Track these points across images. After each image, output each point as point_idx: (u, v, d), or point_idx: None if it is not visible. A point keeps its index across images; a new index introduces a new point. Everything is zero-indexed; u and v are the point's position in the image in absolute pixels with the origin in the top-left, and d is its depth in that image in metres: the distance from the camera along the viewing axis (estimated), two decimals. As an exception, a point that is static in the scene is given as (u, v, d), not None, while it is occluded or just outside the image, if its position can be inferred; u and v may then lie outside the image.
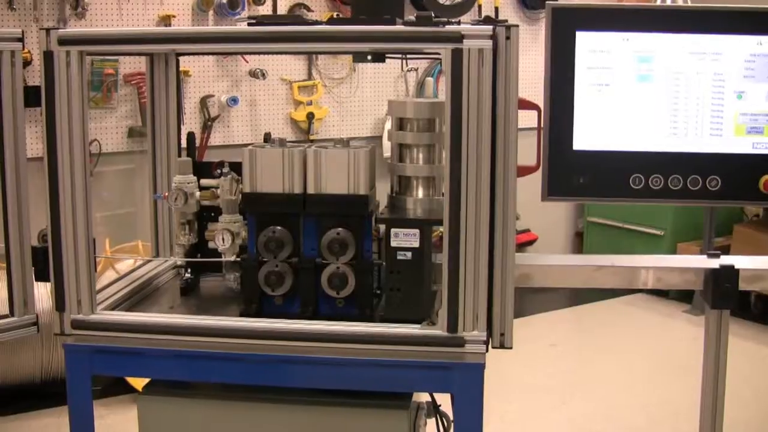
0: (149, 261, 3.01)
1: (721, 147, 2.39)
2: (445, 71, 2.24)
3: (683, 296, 6.50)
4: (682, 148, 2.39)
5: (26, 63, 4.69)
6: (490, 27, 2.22)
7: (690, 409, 2.92)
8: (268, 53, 5.38)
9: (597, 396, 4.97)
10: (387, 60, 2.71)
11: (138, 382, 4.36)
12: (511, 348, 2.35)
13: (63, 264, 2.41)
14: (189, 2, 5.47)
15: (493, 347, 2.36)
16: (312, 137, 6.00)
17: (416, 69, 6.39)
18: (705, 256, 2.58)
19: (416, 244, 2.37)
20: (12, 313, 2.47)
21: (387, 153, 5.22)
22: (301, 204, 2.45)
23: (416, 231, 2.37)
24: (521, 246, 6.80)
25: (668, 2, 5.57)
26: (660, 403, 4.85)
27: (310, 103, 6.02)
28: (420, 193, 2.52)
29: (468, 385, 2.32)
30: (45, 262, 2.44)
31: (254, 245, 2.48)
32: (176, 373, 2.47)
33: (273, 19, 2.43)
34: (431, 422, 2.70)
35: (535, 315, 6.38)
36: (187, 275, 2.81)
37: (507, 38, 2.23)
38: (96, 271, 2.49)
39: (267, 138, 2.75)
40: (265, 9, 5.69)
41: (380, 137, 6.21)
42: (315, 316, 2.46)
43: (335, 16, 2.13)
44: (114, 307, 2.56)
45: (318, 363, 2.36)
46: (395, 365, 2.33)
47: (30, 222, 2.45)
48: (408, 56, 3.64)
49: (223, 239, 2.58)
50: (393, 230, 2.38)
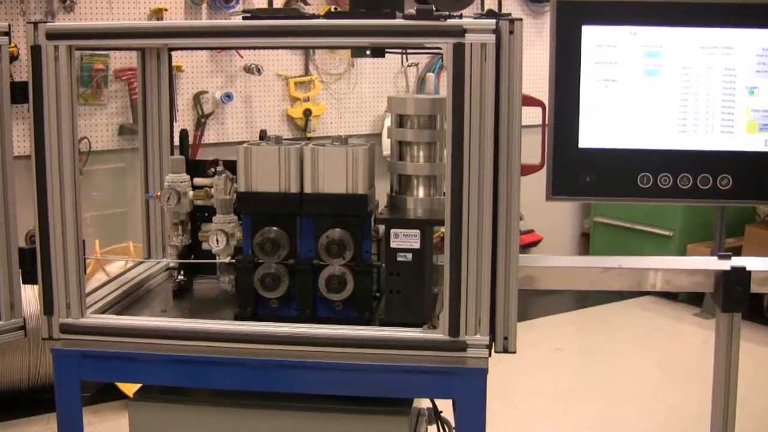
0: (141, 263, 3.00)
1: (733, 144, 2.39)
2: (447, 66, 2.24)
3: (693, 299, 6.51)
4: (692, 146, 2.39)
5: (13, 58, 4.69)
6: (493, 21, 2.22)
7: (700, 417, 2.93)
8: (264, 48, 5.38)
9: (603, 402, 4.97)
10: (387, 55, 2.71)
11: (129, 388, 4.36)
12: (515, 352, 2.35)
13: (51, 266, 2.41)
14: (182, -5, 5.49)
15: (496, 352, 2.36)
16: (309, 135, 6.00)
17: (417, 64, 6.40)
18: (715, 258, 2.58)
19: (417, 245, 2.37)
20: (-2, 317, 2.47)
21: (386, 151, 5.20)
22: (298, 204, 2.45)
23: (417, 231, 2.37)
24: (525, 247, 6.80)
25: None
26: (669, 410, 4.85)
27: (307, 100, 6.02)
28: (421, 193, 2.52)
29: (470, 391, 2.32)
30: (32, 264, 2.44)
31: (249, 246, 2.48)
32: (169, 379, 2.47)
33: (269, 13, 2.43)
34: (432, 429, 2.70)
35: (540, 318, 6.39)
36: (180, 277, 2.82)
37: (510, 32, 2.23)
38: (85, 274, 2.49)
39: (262, 135, 2.75)
40: (261, 2, 5.69)
41: (379, 135, 6.21)
42: (312, 320, 2.46)
43: (333, 10, 2.13)
44: (104, 311, 2.56)
45: (315, 368, 2.36)
46: (395, 370, 2.33)
47: (17, 222, 2.45)
48: (408, 51, 3.64)
49: (218, 240, 2.58)
50: (393, 231, 2.38)
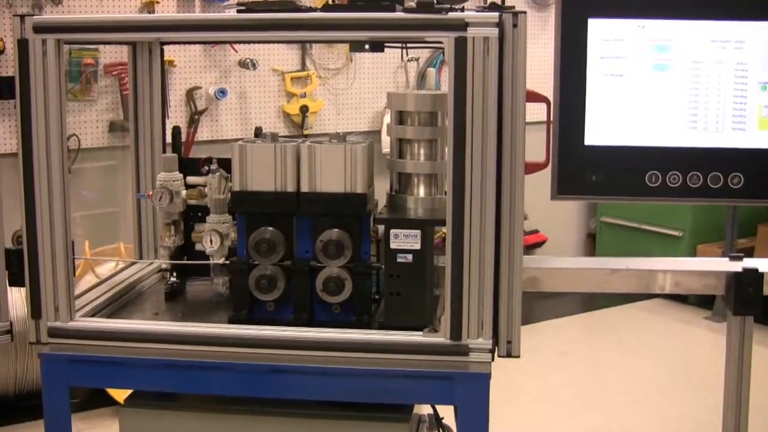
0: (132, 264, 3.01)
1: (744, 142, 2.39)
2: (448, 61, 2.24)
3: (703, 302, 6.51)
4: (702, 143, 2.39)
5: None
6: (496, 14, 2.22)
7: (711, 424, 2.93)
8: (259, 42, 5.38)
9: (610, 408, 4.97)
10: (386, 49, 2.71)
11: (119, 394, 4.36)
12: (519, 357, 2.35)
13: (39, 268, 2.41)
14: (174, -13, 5.49)
15: (500, 356, 2.36)
16: (306, 132, 6.00)
17: (417, 59, 6.40)
18: (727, 259, 2.59)
19: (417, 246, 2.38)
20: (-16, 321, 2.47)
21: (386, 149, 5.20)
22: (295, 203, 2.45)
23: (417, 232, 2.38)
24: (529, 248, 6.80)
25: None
26: (678, 417, 4.85)
27: (304, 96, 6.02)
28: (421, 192, 2.52)
29: (472, 397, 2.32)
30: (19, 266, 2.44)
31: (244, 247, 2.48)
32: (161, 384, 2.47)
33: (264, 6, 2.43)
34: (433, 436, 2.70)
35: (544, 321, 6.39)
36: (173, 279, 2.81)
37: (514, 26, 2.23)
38: (74, 276, 2.49)
39: (258, 133, 2.75)
40: (256, -5, 5.69)
41: (379, 132, 6.21)
42: (309, 323, 2.46)
43: (330, 2, 2.12)
44: (94, 314, 2.56)
45: (312, 373, 2.36)
46: (395, 375, 2.33)
47: (3, 223, 2.45)
48: (408, 45, 3.64)
49: (211, 241, 2.58)
50: (392, 231, 2.38)
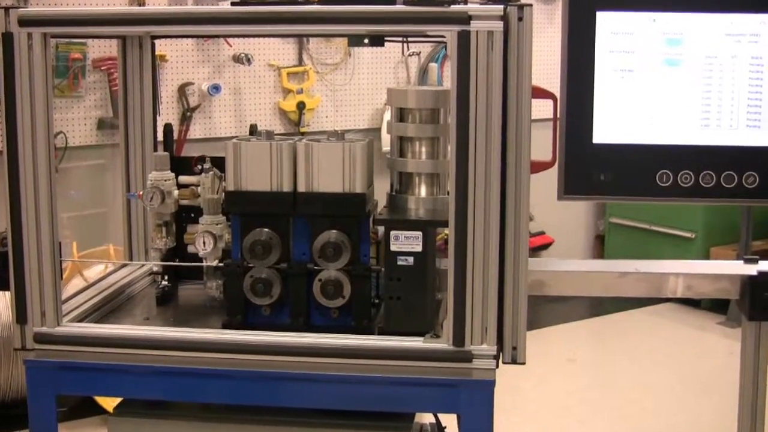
0: (121, 267, 3.01)
1: (760, 139, 2.39)
2: (451, 56, 2.24)
3: (717, 306, 6.51)
4: (716, 141, 2.39)
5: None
6: (501, 6, 2.22)
7: (724, 432, 2.93)
8: (254, 36, 5.38)
9: (620, 418, 4.97)
10: (386, 44, 2.71)
11: (108, 403, 4.36)
12: (524, 363, 2.35)
13: (25, 271, 2.41)
14: (166, -21, 5.49)
15: (504, 363, 2.36)
16: (303, 129, 6.01)
17: (418, 54, 6.40)
18: (741, 262, 2.59)
19: (419, 248, 2.38)
20: (-32, 326, 2.48)
21: (386, 147, 5.20)
22: (291, 203, 2.45)
23: (419, 233, 2.38)
24: (535, 250, 6.80)
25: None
26: (691, 426, 4.85)
27: (301, 92, 6.02)
28: (423, 192, 2.52)
29: (476, 405, 2.32)
30: (4, 269, 2.43)
31: (239, 249, 2.48)
32: (151, 392, 2.47)
33: (259, -2, 2.43)
34: (435, 446, 2.70)
35: (551, 327, 6.39)
36: (164, 283, 2.81)
37: (519, 19, 2.23)
38: (62, 279, 2.48)
39: (253, 130, 2.75)
40: (251, -14, 5.69)
41: (379, 129, 6.21)
42: (306, 328, 2.46)
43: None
44: (82, 319, 2.56)
45: (310, 380, 2.36)
46: (395, 383, 2.33)
47: (-12, 224, 2.45)
48: (409, 39, 3.64)
49: (204, 242, 2.58)
50: (393, 233, 2.38)
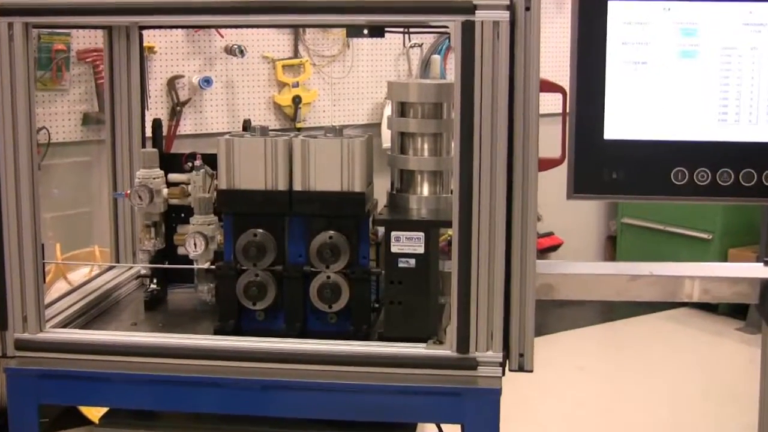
0: (108, 269, 3.01)
1: (780, 136, 2.39)
2: (455, 48, 2.24)
3: (735, 311, 6.51)
4: (734, 137, 2.39)
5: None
6: (508, -5, 2.23)
7: (743, 444, 2.93)
8: (248, 26, 5.39)
9: (632, 428, 4.97)
10: (387, 35, 2.71)
11: (93, 413, 4.36)
12: (532, 371, 2.36)
13: (5, 274, 2.41)
14: (154, -34, 5.49)
15: (511, 370, 2.37)
16: (299, 125, 6.01)
17: (420, 45, 6.40)
18: (761, 264, 2.59)
19: (420, 250, 2.38)
20: (-55, 332, 2.47)
21: (386, 143, 5.21)
22: (287, 203, 2.45)
23: (421, 234, 2.38)
24: (543, 252, 6.80)
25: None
26: (707, 437, 4.85)
27: (297, 85, 6.02)
28: (425, 190, 2.52)
29: (481, 415, 2.32)
30: (-15, 272, 2.44)
31: (231, 251, 2.49)
32: (139, 402, 2.47)
33: (253, -14, 2.43)
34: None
35: (560, 333, 6.39)
36: (153, 286, 2.82)
37: (527, 9, 2.23)
38: (44, 282, 2.49)
39: (246, 126, 2.75)
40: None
41: (378, 125, 6.21)
42: (302, 334, 2.46)
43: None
44: (66, 324, 2.57)
45: (306, 389, 2.36)
46: (396, 391, 2.33)
47: (-32, 224, 2.45)
48: (411, 30, 3.63)
49: (195, 244, 2.58)
50: (394, 233, 2.38)
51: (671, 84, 2.39)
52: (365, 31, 2.66)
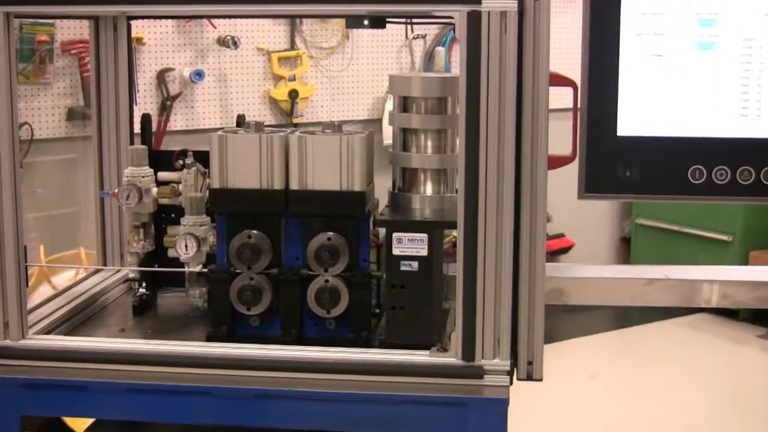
0: (94, 273, 3.01)
1: (803, 132, 2.40)
2: (460, 39, 2.25)
3: (757, 317, 6.51)
4: (755, 134, 2.39)
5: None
6: (516, -16, 2.23)
7: (763, 457, 2.93)
8: (241, 17, 5.39)
9: (648, 440, 4.97)
10: (388, 26, 2.71)
11: (79, 424, 4.36)
12: (541, 380, 2.36)
13: (-13, 277, 2.42)
14: (143, -47, 5.49)
15: (519, 379, 2.37)
16: (296, 120, 6.01)
17: (424, 37, 6.40)
18: (783, 267, 2.59)
19: (424, 252, 2.38)
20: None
21: (388, 140, 5.21)
22: (283, 203, 2.46)
23: (424, 236, 2.38)
24: (553, 254, 6.81)
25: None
26: (726, 450, 4.85)
27: (293, 79, 6.03)
28: (428, 190, 2.53)
29: (488, 426, 2.32)
30: (-35, 275, 2.44)
31: (224, 253, 2.49)
32: (127, 412, 2.47)
33: (247, -26, 2.44)
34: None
35: (571, 340, 6.39)
36: (142, 290, 2.82)
37: (536, -2, 2.24)
38: (27, 286, 2.49)
39: (240, 121, 2.76)
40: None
41: (380, 121, 6.22)
42: (299, 341, 2.47)
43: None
44: (49, 331, 2.57)
45: (303, 398, 2.36)
46: (398, 401, 2.34)
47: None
48: (414, 21, 3.64)
49: (186, 246, 2.59)
50: (395, 235, 2.39)
51: (688, 77, 2.39)
52: (365, 22, 2.67)
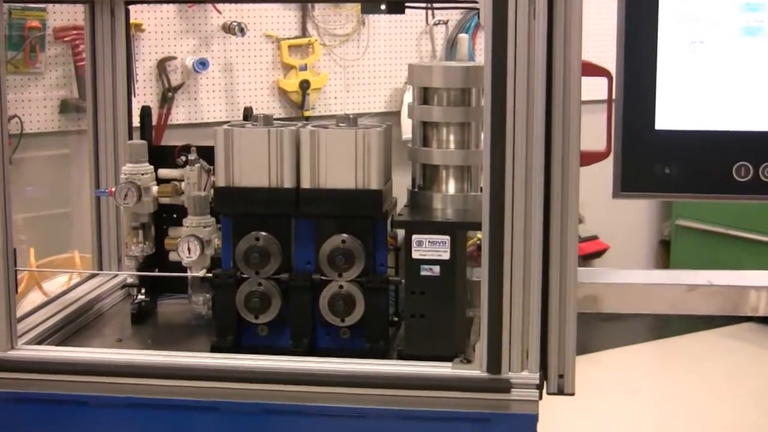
0: (89, 278, 3.02)
1: None
2: (485, 25, 2.25)
3: (808, 327, 6.49)
4: (805, 127, 2.39)
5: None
6: (545, -35, 2.23)
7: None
8: (248, 1, 5.41)
9: (690, 461, 4.97)
10: (407, 11, 2.72)
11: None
12: (573, 395, 2.36)
13: (-25, 282, 2.43)
14: (142, -68, 5.51)
15: (549, 394, 2.37)
16: (307, 113, 6.02)
17: (446, 22, 6.40)
18: (837, 272, 2.59)
19: (446, 256, 2.39)
20: None
21: (407, 134, 5.22)
22: (293, 202, 2.46)
23: (446, 238, 2.39)
24: (586, 258, 6.80)
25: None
26: (775, 471, 4.84)
27: (305, 68, 6.03)
28: (451, 188, 2.53)
29: (515, 445, 2.33)
30: (-50, 280, 2.46)
31: (230, 257, 2.50)
32: (125, 428, 2.48)
33: (255, -44, 2.45)
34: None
35: (606, 351, 6.38)
36: (141, 297, 2.83)
37: (567, -20, 2.24)
38: (17, 293, 2.50)
39: (247, 114, 2.77)
40: (244, -59, 5.71)
41: (398, 113, 6.22)
42: (311, 351, 2.48)
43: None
44: (41, 340, 2.58)
45: (314, 414, 2.37)
46: (418, 417, 2.34)
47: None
48: (435, 5, 3.65)
49: (189, 249, 2.59)
50: (415, 237, 2.39)
51: (733, 66, 2.38)
52: (383, 7, 2.67)
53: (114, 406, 2.43)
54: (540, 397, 2.34)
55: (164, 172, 2.74)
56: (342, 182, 2.44)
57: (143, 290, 2.84)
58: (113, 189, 2.72)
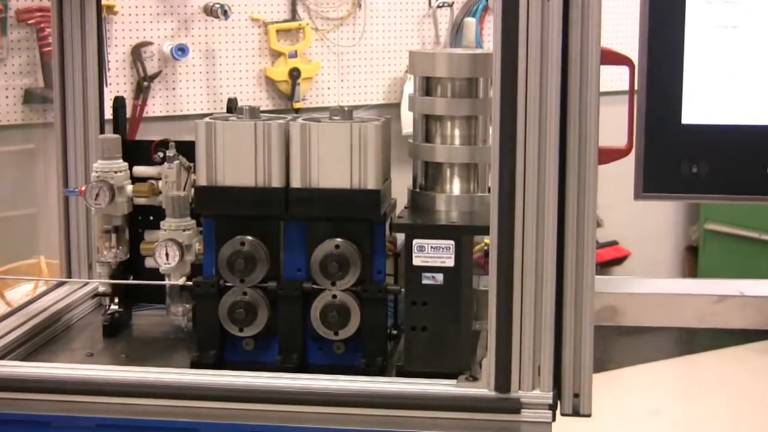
0: (57, 286, 3.02)
1: None
2: (494, 8, 2.25)
3: None
4: None
5: None
6: (560, -58, 2.24)
7: None
8: (232, -20, 5.43)
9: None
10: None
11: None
12: (590, 416, 2.36)
13: (-69, 290, 2.44)
14: None
15: (563, 414, 2.37)
16: (297, 105, 6.03)
17: (451, 5, 6.41)
18: None
19: (450, 263, 2.39)
20: None
21: (407, 129, 5.23)
22: (282, 203, 2.47)
23: (450, 243, 2.39)
24: (605, 265, 6.81)
25: None
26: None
27: (295, 55, 6.04)
28: (455, 188, 2.54)
29: (526, 471, 2.34)
30: None
31: (213, 263, 2.50)
32: (97, 452, 2.49)
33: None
34: None
35: (627, 368, 6.39)
36: (114, 307, 2.83)
37: (585, -41, 2.25)
38: (-21, 302, 2.51)
39: (231, 106, 2.77)
40: None
41: (398, 105, 6.23)
42: (301, 368, 2.48)
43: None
44: (3, 355, 2.58)
45: (305, 437, 2.38)
46: (419, 441, 2.35)
47: None
48: (439, -15, 3.66)
49: (167, 254, 2.60)
50: (416, 242, 2.39)
51: (767, 54, 2.39)
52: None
53: (84, 428, 2.42)
54: (553, 419, 2.34)
55: (140, 170, 2.74)
56: (336, 181, 2.45)
57: (116, 300, 2.84)
58: (83, 188, 2.72)
